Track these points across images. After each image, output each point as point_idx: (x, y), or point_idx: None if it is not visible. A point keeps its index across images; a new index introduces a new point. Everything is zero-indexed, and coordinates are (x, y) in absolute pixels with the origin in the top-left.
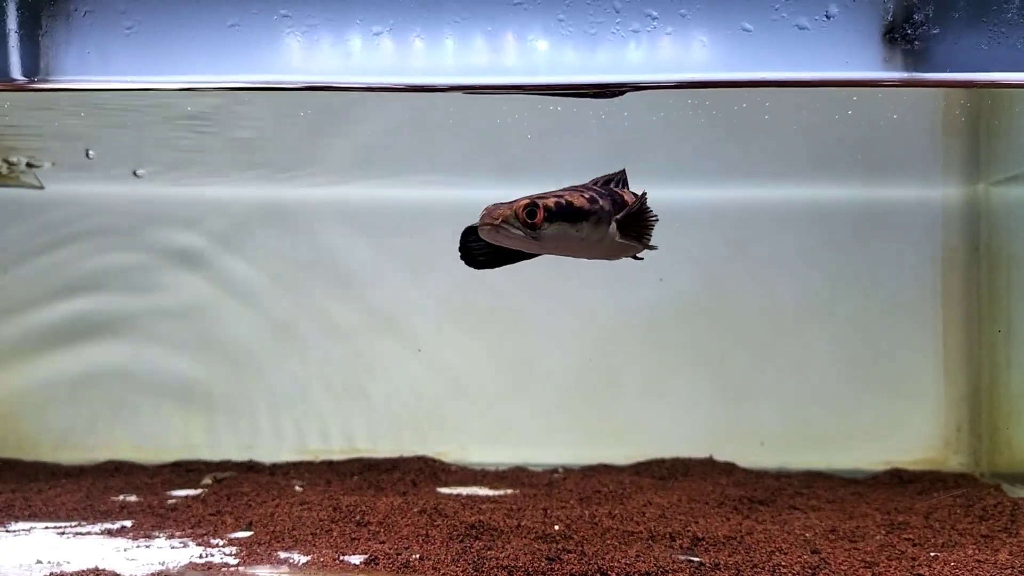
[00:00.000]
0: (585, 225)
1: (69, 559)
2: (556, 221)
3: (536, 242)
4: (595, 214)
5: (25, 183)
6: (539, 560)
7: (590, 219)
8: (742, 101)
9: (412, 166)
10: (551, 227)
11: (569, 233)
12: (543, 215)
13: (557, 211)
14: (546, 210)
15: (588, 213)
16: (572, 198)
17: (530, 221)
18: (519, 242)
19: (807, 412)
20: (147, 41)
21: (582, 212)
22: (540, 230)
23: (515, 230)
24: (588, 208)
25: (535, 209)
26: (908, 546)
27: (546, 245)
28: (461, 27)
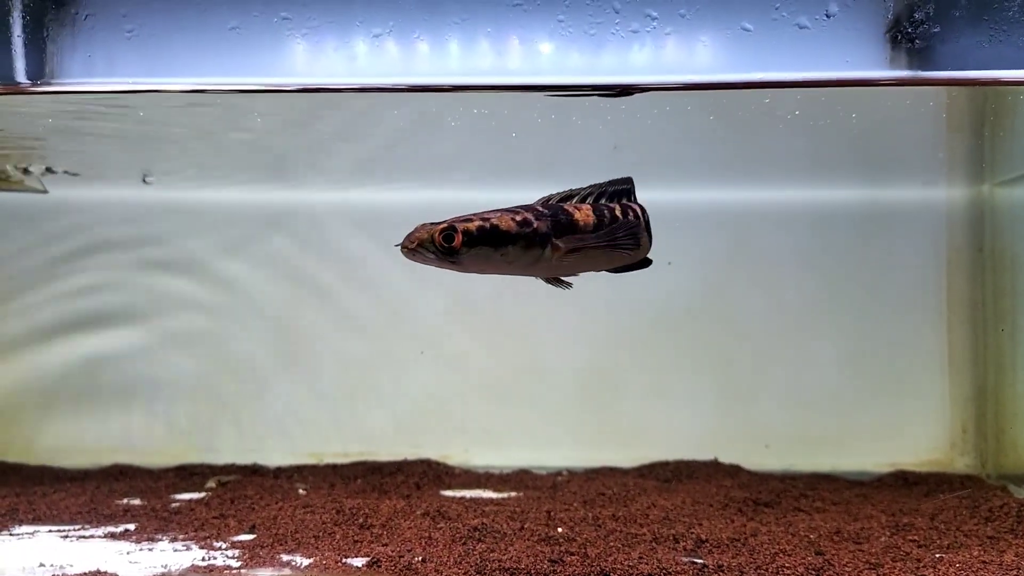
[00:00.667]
0: (511, 249)
1: (72, 562)
2: (477, 245)
3: (456, 266)
4: (524, 238)
5: (29, 187)
6: (542, 562)
7: (517, 243)
8: (743, 101)
9: (418, 169)
10: (471, 251)
11: (493, 257)
12: (462, 239)
13: (478, 235)
14: (465, 234)
15: (515, 237)
16: (499, 221)
17: (447, 245)
18: (438, 265)
19: (812, 414)
20: (148, 44)
21: (507, 236)
22: (459, 254)
23: (430, 254)
24: (515, 231)
25: (453, 233)
26: (913, 547)
27: (470, 268)
28: (462, 28)
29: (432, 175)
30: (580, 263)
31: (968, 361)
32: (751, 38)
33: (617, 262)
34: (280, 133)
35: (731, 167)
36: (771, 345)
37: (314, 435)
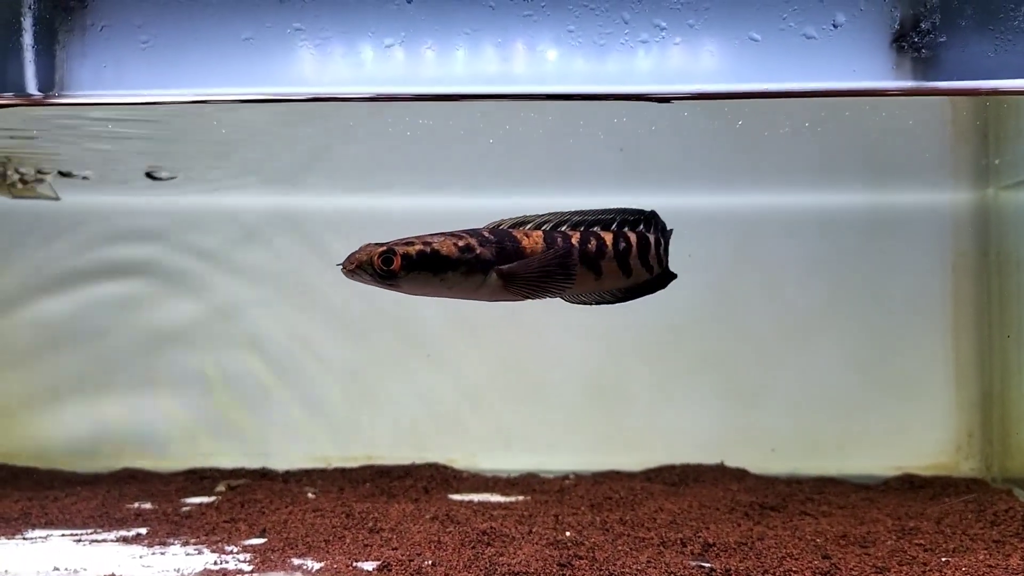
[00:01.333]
0: (451, 274)
1: (86, 566)
2: (416, 270)
3: (395, 289)
4: (465, 263)
5: (41, 195)
6: (551, 566)
7: (458, 268)
8: (749, 108)
9: (424, 175)
10: (410, 275)
11: (432, 281)
12: (401, 263)
13: (418, 259)
14: (405, 258)
15: (455, 262)
16: (440, 245)
17: (386, 268)
18: (379, 286)
19: (818, 418)
20: (163, 55)
21: (447, 261)
22: (397, 278)
23: (368, 276)
24: (455, 257)
25: (392, 256)
26: (919, 551)
27: (409, 291)
28: (472, 38)
29: (437, 181)
30: (534, 291)
31: (974, 365)
32: (759, 48)
33: (580, 292)
34: (289, 137)
35: (737, 173)
36: (777, 349)
37: (321, 439)
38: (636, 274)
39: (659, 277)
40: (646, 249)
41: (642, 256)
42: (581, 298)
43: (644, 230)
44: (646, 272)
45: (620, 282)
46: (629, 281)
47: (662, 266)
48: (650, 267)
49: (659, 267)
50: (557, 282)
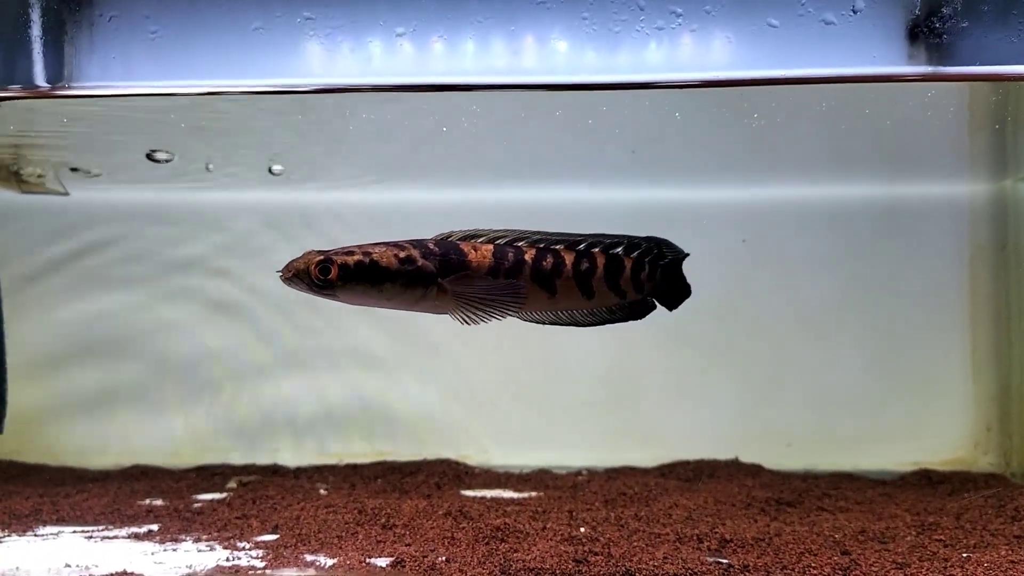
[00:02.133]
0: (389, 286)
1: (97, 563)
2: (353, 280)
3: (333, 298)
4: (404, 275)
5: (51, 190)
6: (567, 562)
7: (397, 280)
8: (764, 98)
9: (438, 170)
10: (347, 286)
11: (370, 292)
12: (338, 273)
13: (356, 270)
14: (342, 268)
15: (394, 274)
16: (380, 256)
17: (323, 278)
18: (318, 296)
19: (834, 413)
20: (172, 45)
21: (386, 272)
22: (335, 288)
23: (305, 285)
24: (394, 268)
25: (329, 266)
26: (939, 547)
27: (347, 301)
28: (483, 27)
29: (450, 175)
30: (477, 310)
31: (992, 359)
32: (776, 34)
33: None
34: (304, 132)
35: (751, 165)
36: (792, 344)
37: (333, 435)
38: (601, 297)
39: (637, 305)
40: (617, 272)
41: (610, 279)
42: (535, 317)
43: (625, 253)
44: (615, 296)
45: (580, 303)
46: (592, 303)
47: (643, 293)
48: (621, 292)
49: (638, 293)
50: (503, 304)
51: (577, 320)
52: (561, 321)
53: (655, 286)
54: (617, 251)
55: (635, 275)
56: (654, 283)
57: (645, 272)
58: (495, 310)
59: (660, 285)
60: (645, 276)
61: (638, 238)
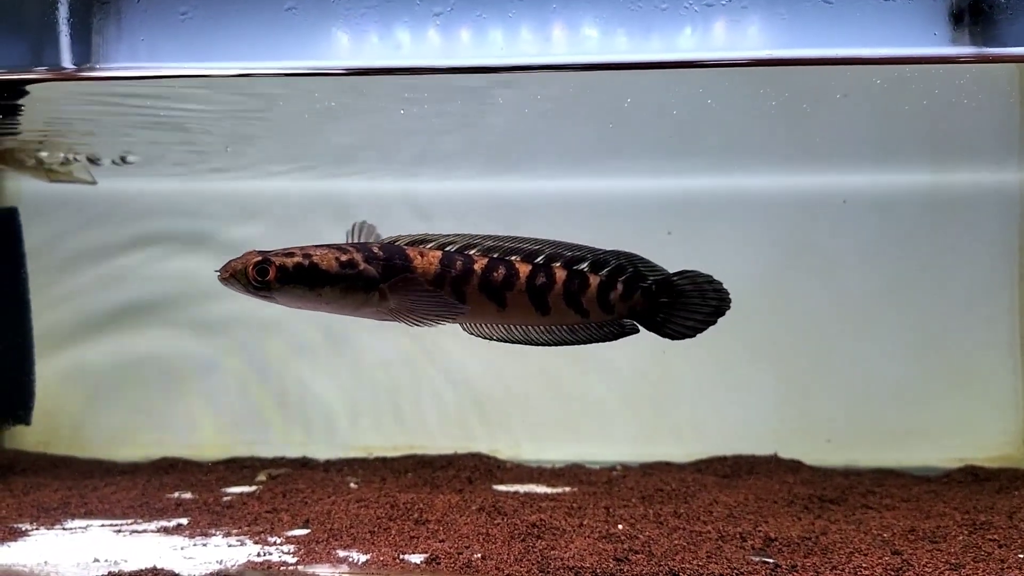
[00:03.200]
0: (328, 289)
1: (126, 557)
2: (291, 283)
3: (270, 300)
4: (344, 279)
5: (78, 179)
6: (606, 561)
7: (336, 284)
8: (806, 83)
9: (470, 157)
10: (284, 288)
11: (308, 296)
12: (276, 274)
13: (294, 272)
14: (280, 270)
15: (334, 277)
16: (320, 259)
17: (260, 279)
18: (254, 296)
19: (876, 407)
20: (202, 26)
21: (325, 275)
22: (271, 290)
23: (242, 287)
24: (334, 272)
25: (266, 267)
26: (994, 547)
27: (285, 304)
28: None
29: (482, 163)
30: (416, 318)
31: None
32: (828, 12)
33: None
34: (333, 120)
35: (791, 151)
36: (832, 336)
37: (362, 428)
38: (559, 314)
39: (608, 327)
40: (578, 290)
41: (570, 296)
42: (483, 331)
43: (591, 270)
44: (576, 314)
45: (534, 319)
46: (548, 320)
47: (613, 314)
48: (583, 310)
49: (606, 313)
50: (442, 315)
51: (532, 338)
52: (513, 337)
53: (635, 308)
54: (581, 267)
55: (602, 294)
56: (631, 305)
57: (616, 292)
58: (431, 320)
59: (647, 308)
60: (617, 296)
61: (604, 253)
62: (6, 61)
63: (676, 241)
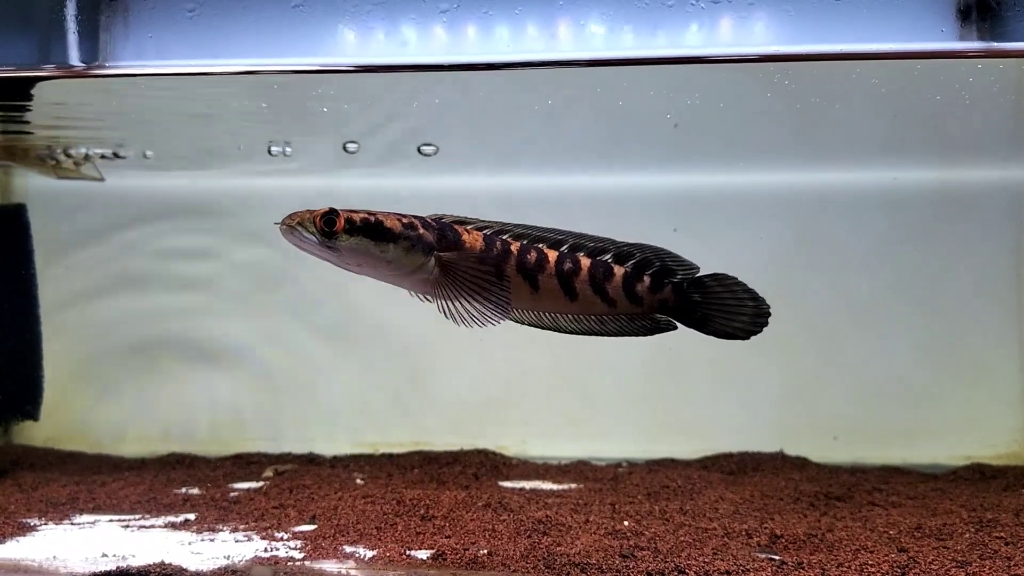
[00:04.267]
0: (392, 248)
1: (134, 552)
2: (358, 235)
3: (334, 253)
4: (406, 239)
5: (86, 175)
6: (612, 557)
7: (399, 242)
8: (810, 80)
9: (473, 155)
10: (350, 240)
11: (372, 252)
12: (343, 225)
13: (361, 225)
14: (348, 221)
15: (397, 236)
16: (384, 218)
17: (328, 229)
18: (316, 251)
19: (882, 405)
20: (210, 23)
21: (390, 232)
22: (337, 240)
23: (308, 235)
24: (398, 231)
25: (334, 217)
26: (1001, 545)
27: (347, 260)
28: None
29: (489, 160)
30: (467, 288)
31: None
32: (836, 7)
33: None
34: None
35: (797, 149)
36: (838, 333)
37: (369, 425)
38: (586, 301)
39: (639, 320)
40: (603, 278)
41: (595, 284)
42: (516, 316)
43: (614, 261)
44: (603, 303)
45: (563, 304)
46: (576, 308)
47: (642, 306)
48: (610, 300)
49: (634, 305)
50: (492, 286)
51: (560, 326)
52: (543, 324)
53: (666, 303)
54: (605, 257)
55: (628, 285)
56: (661, 299)
57: (644, 285)
58: (477, 297)
59: (679, 304)
60: (644, 289)
61: (628, 245)
62: (15, 59)
63: (682, 238)
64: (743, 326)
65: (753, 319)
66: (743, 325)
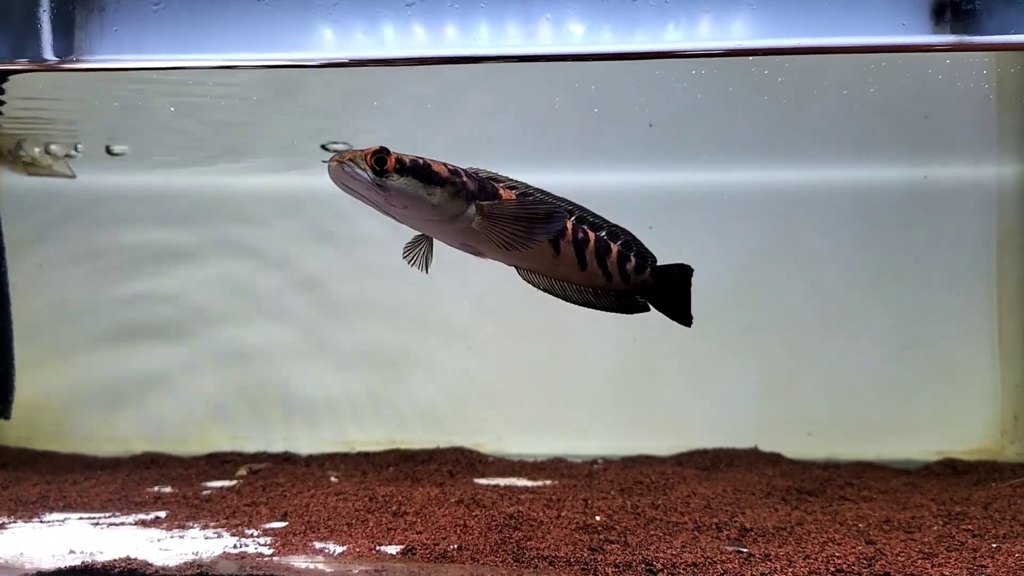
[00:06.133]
0: (439, 191)
1: (102, 549)
2: (407, 175)
3: (383, 194)
4: (452, 184)
5: (57, 172)
6: (581, 550)
7: (445, 186)
8: (784, 76)
9: (447, 150)
10: (400, 179)
11: (420, 194)
12: (394, 164)
13: (411, 166)
14: (398, 161)
15: (444, 180)
16: (431, 162)
17: (379, 167)
18: (365, 190)
19: (856, 401)
20: (176, 18)
21: (438, 176)
22: (387, 178)
23: (360, 171)
24: (445, 176)
25: (385, 156)
26: (967, 537)
27: (394, 202)
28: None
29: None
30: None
31: (1019, 346)
32: (802, 2)
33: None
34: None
35: (772, 146)
36: (813, 330)
37: (345, 423)
38: (592, 273)
39: (622, 297)
40: (604, 252)
41: (599, 257)
42: (533, 279)
43: (608, 238)
44: (603, 276)
45: (575, 273)
46: (583, 277)
47: (629, 284)
48: (608, 274)
49: (624, 282)
50: (530, 233)
51: (567, 294)
52: (554, 290)
53: (645, 284)
54: (601, 233)
55: (621, 262)
56: (642, 279)
57: (631, 264)
58: (523, 238)
59: (654, 287)
60: (632, 268)
61: (615, 226)
62: None
63: (658, 235)
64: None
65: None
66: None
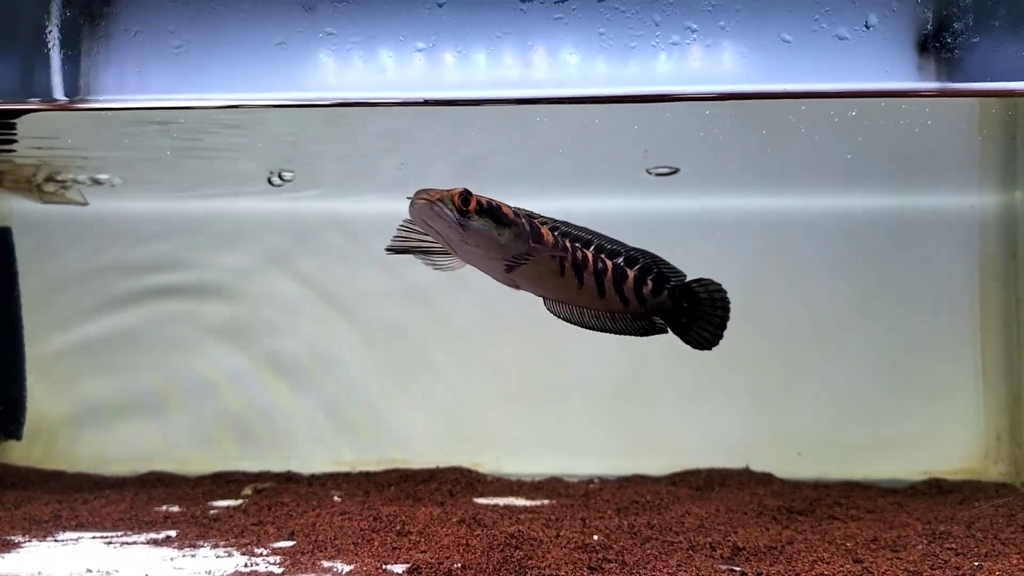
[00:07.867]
0: (507, 232)
1: (118, 568)
2: (485, 216)
3: (461, 231)
4: (517, 226)
5: (70, 200)
6: (581, 569)
7: (512, 228)
8: (777, 111)
9: (448, 179)
10: (479, 220)
11: (493, 235)
12: (475, 206)
13: (488, 208)
14: (479, 203)
15: (511, 222)
16: (501, 204)
17: (464, 208)
18: (446, 228)
19: (844, 422)
20: (195, 60)
21: (507, 218)
22: (469, 219)
23: (448, 211)
24: (512, 218)
25: (469, 197)
26: (951, 556)
27: (469, 240)
28: (501, 42)
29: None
30: (533, 281)
31: (1002, 368)
32: (790, 49)
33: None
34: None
35: (764, 175)
36: (803, 353)
37: (346, 443)
38: (609, 299)
39: (639, 320)
40: (620, 279)
41: (616, 284)
42: (557, 310)
43: (625, 264)
44: (620, 302)
45: (596, 301)
46: (602, 304)
47: (645, 308)
48: (625, 299)
49: (640, 306)
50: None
51: (584, 321)
52: (574, 319)
53: (663, 307)
54: (619, 260)
55: (637, 286)
56: (660, 302)
57: (648, 288)
58: (548, 287)
59: (672, 309)
60: (648, 292)
61: (634, 249)
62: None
63: None
64: (709, 336)
65: (716, 330)
66: (709, 335)
